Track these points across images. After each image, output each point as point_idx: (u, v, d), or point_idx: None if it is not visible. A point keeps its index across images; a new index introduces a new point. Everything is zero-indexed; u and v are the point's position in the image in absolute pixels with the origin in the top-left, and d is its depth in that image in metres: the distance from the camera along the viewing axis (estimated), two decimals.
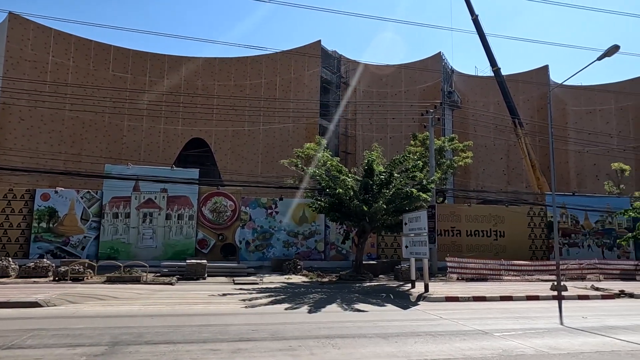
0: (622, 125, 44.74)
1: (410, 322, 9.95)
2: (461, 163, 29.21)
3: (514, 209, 27.39)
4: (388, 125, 41.99)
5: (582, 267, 21.12)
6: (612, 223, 27.52)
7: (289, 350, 7.16)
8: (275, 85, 41.01)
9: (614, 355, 7.19)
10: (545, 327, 9.58)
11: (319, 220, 24.37)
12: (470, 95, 44.94)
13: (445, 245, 24.33)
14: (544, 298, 14.41)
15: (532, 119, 41.16)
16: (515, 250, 25.17)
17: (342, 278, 18.66)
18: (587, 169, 44.18)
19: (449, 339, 8.17)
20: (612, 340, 8.32)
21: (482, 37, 36.05)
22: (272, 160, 38.26)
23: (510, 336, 8.51)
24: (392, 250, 24.88)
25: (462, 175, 39.94)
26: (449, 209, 26.74)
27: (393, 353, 7.07)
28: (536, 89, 43.17)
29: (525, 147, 34.83)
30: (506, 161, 44.14)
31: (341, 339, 8.04)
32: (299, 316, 10.51)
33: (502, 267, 20.18)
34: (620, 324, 10.01)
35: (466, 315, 10.91)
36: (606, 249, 27.14)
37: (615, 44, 13.93)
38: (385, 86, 43.94)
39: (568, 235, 26.95)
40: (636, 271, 21.55)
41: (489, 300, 13.87)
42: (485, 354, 7.09)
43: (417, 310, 11.73)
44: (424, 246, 15.05)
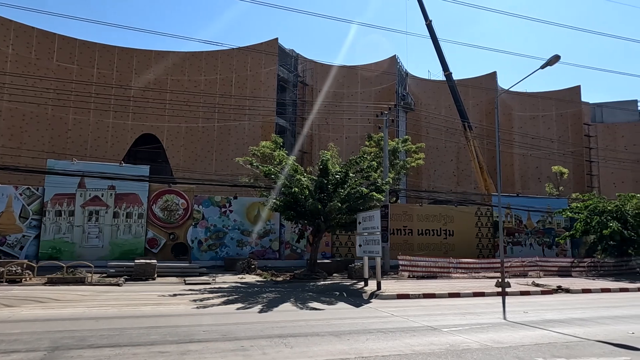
0: (562, 131, 47.60)
1: (362, 319, 10.09)
2: (414, 164, 29.99)
3: (462, 209, 28.45)
4: (344, 126, 42.42)
5: (525, 265, 22.25)
6: (551, 223, 29.18)
7: (240, 350, 7.07)
8: (231, 82, 40.37)
9: (551, 347, 7.63)
10: (490, 322, 10.02)
11: (274, 219, 24.25)
12: (424, 98, 46.25)
13: (397, 244, 24.89)
14: (489, 294, 15.06)
15: (481, 123, 42.96)
16: (463, 248, 26.16)
17: (296, 277, 18.65)
18: (530, 171, 46.65)
19: (400, 335, 8.36)
20: (549, 333, 8.82)
21: (435, 42, 37.15)
22: (227, 158, 37.68)
23: (457, 331, 8.83)
24: (347, 249, 25.16)
25: (415, 176, 41.04)
26: (401, 208, 27.38)
27: (345, 351, 7.14)
28: (485, 94, 45.08)
29: (473, 150, 36.26)
30: (456, 163, 45.79)
31: (294, 337, 8.04)
32: (251, 316, 10.40)
33: (451, 265, 20.90)
34: (557, 318, 10.64)
35: (416, 312, 11.22)
36: (546, 247, 28.75)
37: (556, 54, 14.78)
38: (341, 87, 44.36)
39: (512, 234, 28.31)
40: (572, 268, 22.98)
41: (438, 297, 14.32)
42: (433, 349, 7.32)
43: (370, 308, 11.93)
44: (377, 245, 15.32)
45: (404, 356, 6.86)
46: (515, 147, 43.93)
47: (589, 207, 25.21)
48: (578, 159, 46.18)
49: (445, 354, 7.02)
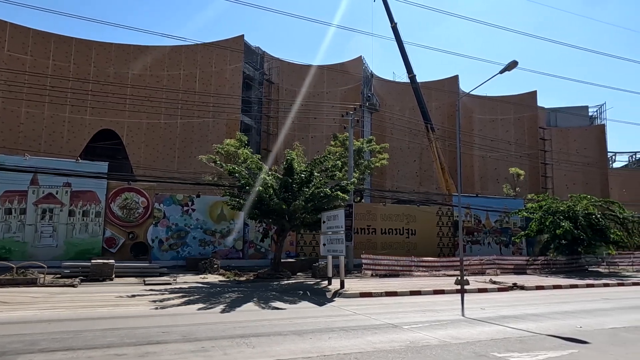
0: (519, 134, 49.50)
1: (325, 318, 10.14)
2: (378, 164, 30.38)
3: (424, 208, 29.08)
4: (310, 125, 42.46)
5: (483, 263, 22.98)
6: (508, 222, 30.29)
7: (201, 351, 6.95)
8: (195, 78, 39.58)
9: (506, 342, 7.92)
10: (449, 318, 10.29)
11: (238, 218, 23.96)
12: (388, 99, 46.94)
13: (361, 243, 25.14)
14: (449, 292, 15.47)
15: (443, 125, 44.04)
16: (425, 247, 26.75)
17: (260, 276, 18.52)
18: (489, 172, 48.26)
19: (362, 333, 8.45)
20: (505, 328, 9.15)
21: (400, 45, 37.77)
22: (189, 155, 36.93)
23: (417, 328, 9.01)
24: (311, 248, 25.20)
25: (379, 176, 41.60)
26: (365, 208, 27.69)
27: (307, 349, 7.15)
28: (447, 96, 46.24)
29: (436, 151, 37.13)
30: (419, 163, 46.76)
31: (256, 337, 7.98)
32: (213, 316, 10.24)
33: (413, 263, 21.31)
34: (512, 314, 11.06)
35: (378, 310, 11.37)
36: (503, 246, 29.82)
37: (514, 60, 15.29)
38: (307, 86, 44.33)
39: (472, 234, 29.19)
40: (527, 266, 23.92)
41: (400, 295, 14.58)
42: (394, 346, 7.44)
43: (333, 307, 12.00)
44: (341, 244, 15.43)
45: (365, 354, 6.95)
46: (475, 149, 45.34)
47: (543, 207, 26.32)
48: (534, 161, 48.17)
49: (405, 351, 7.15)
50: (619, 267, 26.73)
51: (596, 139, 52.29)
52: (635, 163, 60.82)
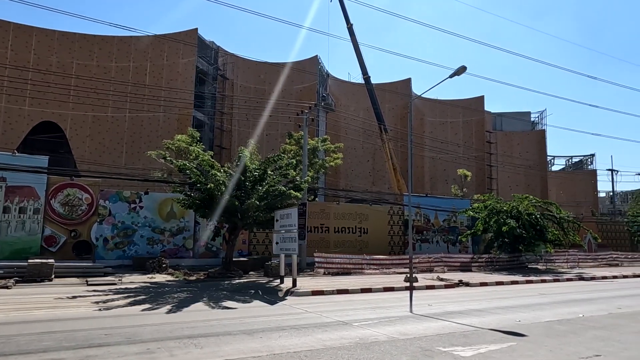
0: (467, 137, 51.56)
1: (276, 317, 10.09)
2: (332, 163, 30.62)
3: (376, 207, 29.62)
4: (265, 123, 42.09)
5: (431, 261, 23.73)
6: (456, 221, 31.45)
7: (146, 353, 6.72)
8: (145, 71, 38.18)
9: (450, 336, 8.21)
10: (398, 315, 10.53)
11: (189, 217, 23.35)
12: (343, 99, 47.42)
13: (314, 242, 25.24)
14: (399, 289, 15.84)
15: (396, 126, 45.07)
16: (376, 245, 27.25)
17: (210, 276, 18.15)
18: (438, 173, 49.93)
19: (312, 331, 8.48)
20: (450, 324, 9.49)
21: (355, 46, 38.21)
22: (138, 151, 35.59)
23: (367, 325, 9.16)
24: (264, 247, 25.00)
25: (333, 175, 41.93)
26: (319, 206, 27.82)
27: (257, 349, 7.08)
28: (400, 98, 47.35)
29: (388, 152, 37.89)
30: (372, 163, 47.59)
31: (205, 337, 7.81)
32: (160, 317, 9.92)
33: (365, 261, 21.65)
34: (457, 309, 11.48)
35: (330, 308, 11.46)
36: (451, 244, 30.92)
37: (463, 65, 15.87)
38: (263, 83, 43.98)
39: (421, 232, 30.05)
40: (472, 263, 24.95)
41: (351, 292, 14.77)
42: (343, 343, 7.52)
43: (284, 305, 11.96)
44: (294, 242, 15.42)
45: (315, 351, 6.97)
46: (426, 150, 46.73)
47: (488, 207, 27.55)
48: (480, 163, 50.32)
49: (354, 347, 7.25)
50: (555, 264, 28.45)
51: (537, 143, 55.39)
52: (571, 166, 64.96)
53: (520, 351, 7.18)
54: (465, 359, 6.69)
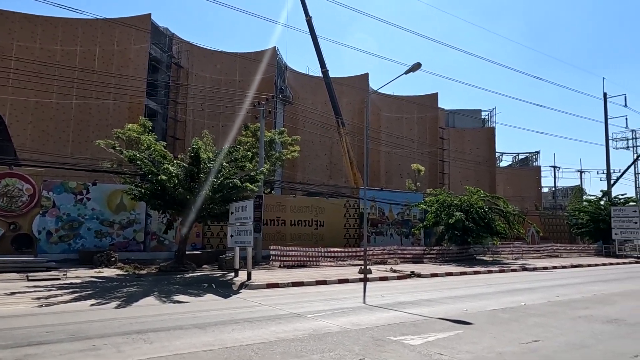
0: (422, 133, 52.90)
1: (230, 310, 9.98)
2: (289, 156, 30.53)
3: (333, 201, 29.86)
4: (221, 114, 41.30)
5: (385, 253, 24.24)
6: (409, 215, 32.26)
7: (91, 350, 6.45)
8: (94, 56, 36.37)
9: (401, 326, 8.43)
10: (351, 306, 10.69)
11: (139, 209, 22.58)
12: (301, 92, 47.30)
13: (270, 235, 25.13)
14: (353, 281, 16.07)
15: (353, 121, 45.51)
16: (332, 238, 27.51)
17: (162, 270, 17.67)
18: (394, 168, 50.98)
19: (266, 324, 8.46)
20: (401, 313, 9.75)
21: (314, 39, 38.13)
22: (86, 140, 33.97)
23: (320, 317, 9.24)
24: (219, 240, 24.61)
25: (290, 168, 41.86)
26: (275, 199, 27.69)
27: (209, 342, 6.98)
28: (358, 93, 47.82)
29: (345, 146, 38.24)
30: (329, 157, 47.88)
31: (155, 332, 7.60)
32: (107, 312, 9.55)
33: (320, 254, 21.80)
34: (409, 300, 11.81)
35: (284, 300, 11.46)
36: (404, 237, 31.71)
37: (418, 62, 16.28)
38: (219, 73, 43.08)
39: (376, 225, 30.61)
40: (424, 255, 25.71)
41: (307, 285, 14.84)
42: (297, 335, 7.55)
43: (238, 299, 11.85)
44: (249, 235, 15.27)
45: (268, 343, 6.96)
46: (382, 145, 47.54)
47: (440, 201, 28.44)
48: (433, 159, 51.84)
49: (307, 339, 7.29)
50: (501, 255, 29.86)
51: (487, 140, 57.71)
52: (518, 163, 68.21)
53: (466, 338, 7.49)
54: (414, 347, 6.90)
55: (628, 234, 33.95)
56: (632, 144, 55.55)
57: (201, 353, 6.39)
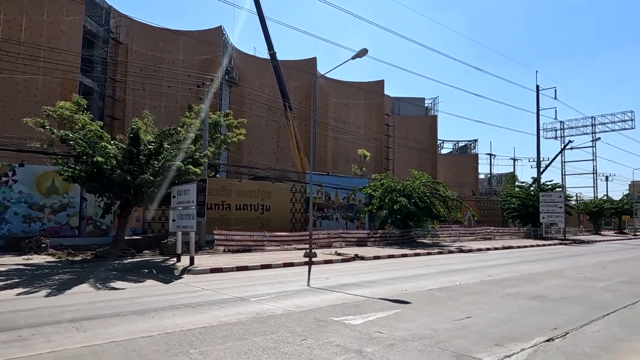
0: (368, 119, 53.73)
1: (171, 295, 9.73)
2: (235, 139, 29.92)
3: (279, 185, 29.75)
4: (163, 94, 39.62)
5: (330, 237, 24.61)
6: (354, 199, 32.84)
7: (17, 341, 6.06)
8: (20, 26, 33.44)
9: (343, 307, 8.63)
10: (295, 289, 10.78)
11: (74, 192, 21.30)
12: (248, 74, 46.32)
13: (214, 219, 24.67)
14: (298, 264, 16.19)
15: (301, 105, 45.33)
16: (278, 222, 27.47)
17: (99, 255, 16.85)
18: (340, 153, 51.53)
19: (208, 308, 8.34)
20: (344, 295, 9.96)
21: (261, 19, 37.33)
22: (12, 117, 31.37)
23: (264, 300, 9.25)
24: (160, 225, 23.81)
25: (236, 152, 41.13)
26: (220, 183, 27.15)
27: (148, 328, 6.78)
28: (305, 77, 47.56)
29: (292, 130, 38.09)
30: (276, 141, 47.51)
31: (89, 320, 7.27)
32: (36, 301, 9.00)
33: (266, 238, 21.74)
34: (352, 282, 12.09)
35: (228, 285, 11.35)
36: (349, 221, 32.30)
37: (365, 48, 16.40)
38: (162, 51, 41.17)
39: (322, 209, 30.91)
40: (368, 238, 26.37)
41: (251, 269, 14.76)
42: (240, 319, 7.51)
43: (180, 284, 11.58)
44: (192, 219, 14.90)
45: (210, 328, 6.87)
46: (329, 130, 47.81)
47: (384, 186, 29.19)
48: (379, 145, 52.93)
49: (250, 322, 7.28)
50: (440, 238, 31.27)
51: (429, 127, 59.70)
52: (457, 150, 71.26)
53: (404, 317, 7.80)
54: (355, 326, 7.08)
55: (554, 217, 36.65)
56: (560, 134, 59.67)
57: (139, 339, 6.19)
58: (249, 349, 5.81)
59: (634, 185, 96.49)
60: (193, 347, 5.89)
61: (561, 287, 11.63)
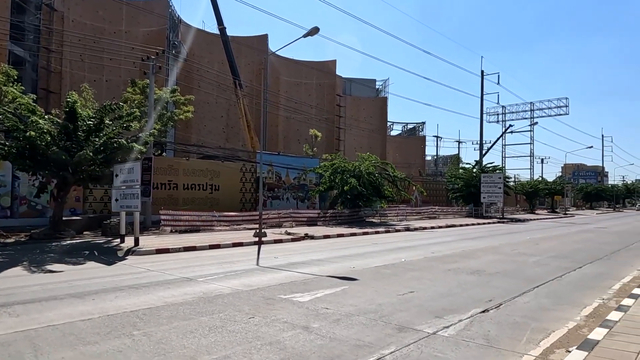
0: (320, 99, 53.64)
1: (113, 277, 9.41)
2: (182, 117, 28.91)
3: (229, 164, 29.23)
4: (104, 67, 37.43)
5: (281, 216, 24.60)
6: (305, 179, 32.95)
7: None
8: None
9: (292, 285, 8.72)
10: (244, 268, 10.75)
11: (4, 170, 19.83)
12: (197, 49, 44.61)
13: (161, 199, 23.93)
14: (248, 244, 16.12)
15: (251, 83, 44.42)
16: (228, 202, 27.08)
17: (34, 237, 15.92)
18: (292, 133, 51.26)
19: (153, 289, 8.15)
20: (293, 273, 10.06)
21: None
22: None
23: (212, 280, 9.16)
24: (103, 205, 22.79)
25: (183, 129, 39.85)
26: (167, 162, 26.29)
27: (88, 311, 6.54)
28: (256, 54, 46.55)
29: (243, 108, 37.29)
30: (226, 119, 46.45)
31: (23, 305, 6.90)
32: None
33: (214, 218, 21.40)
34: (301, 260, 12.22)
35: (175, 265, 11.12)
36: (300, 201, 32.43)
37: (316, 26, 16.25)
38: (102, 21, 38.70)
39: (272, 189, 30.79)
40: (318, 218, 26.63)
41: (199, 249, 14.53)
42: (186, 299, 7.41)
43: (124, 265, 11.20)
44: (136, 199, 14.37)
45: (155, 309, 6.73)
46: (280, 109, 47.33)
47: (335, 166, 29.44)
48: (330, 125, 53.11)
49: (197, 302, 7.20)
50: (388, 217, 32.16)
51: (380, 109, 60.60)
52: (406, 132, 72.99)
53: (351, 293, 8.00)
54: (303, 303, 7.19)
55: (493, 197, 38.64)
56: (501, 118, 62.50)
57: (78, 323, 5.96)
58: (195, 329, 5.75)
59: (565, 167, 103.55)
60: (136, 328, 5.75)
61: (497, 262, 12.37)
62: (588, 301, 7.73)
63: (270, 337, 5.44)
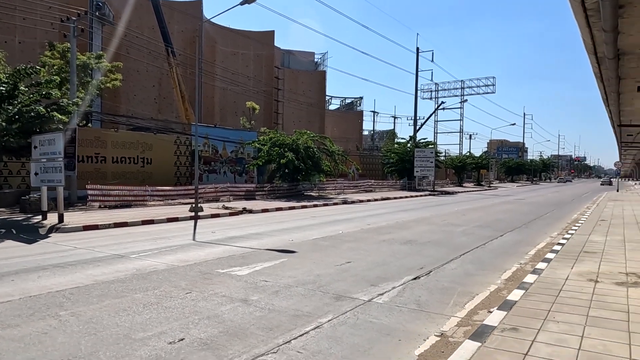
0: (258, 70, 52.41)
1: (36, 256, 8.79)
2: (110, 85, 27.09)
3: (162, 136, 27.95)
4: (17, 27, 33.86)
5: (218, 190, 24.12)
6: (243, 153, 32.37)
7: None
8: None
9: (230, 259, 8.64)
10: (180, 244, 10.48)
11: None
12: (124, 13, 41.51)
13: (87, 173, 22.46)
14: (183, 219, 15.69)
15: (185, 51, 42.31)
16: (162, 176, 26.02)
17: None
18: (229, 105, 49.87)
19: (82, 268, 7.74)
20: (231, 248, 9.97)
21: None
22: None
23: (146, 256, 8.85)
24: (21, 179, 21.01)
25: (111, 99, 37.38)
26: (93, 133, 24.60)
27: (8, 293, 6.09)
28: (191, 22, 44.27)
29: (176, 78, 35.60)
30: (158, 89, 44.17)
31: None
32: None
33: (147, 193, 20.56)
34: (239, 234, 12.12)
35: (104, 242, 10.60)
36: (238, 175, 31.89)
37: None
38: None
39: (209, 163, 29.96)
40: (256, 192, 26.45)
41: (131, 225, 13.93)
42: (118, 276, 7.11)
43: (47, 243, 10.49)
44: (59, 173, 13.39)
45: (84, 287, 6.40)
46: (216, 80, 45.69)
47: (272, 139, 29.17)
48: (268, 98, 52.27)
49: (130, 279, 6.94)
50: (326, 191, 32.64)
51: (318, 83, 60.44)
52: (344, 107, 73.64)
53: (289, 265, 8.10)
54: (241, 277, 7.18)
55: (426, 171, 40.40)
56: (435, 95, 64.86)
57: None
58: (129, 306, 5.56)
59: (491, 143, 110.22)
60: (63, 308, 5.45)
61: (428, 232, 13.05)
62: (508, 266, 8.41)
63: (208, 312, 5.39)
